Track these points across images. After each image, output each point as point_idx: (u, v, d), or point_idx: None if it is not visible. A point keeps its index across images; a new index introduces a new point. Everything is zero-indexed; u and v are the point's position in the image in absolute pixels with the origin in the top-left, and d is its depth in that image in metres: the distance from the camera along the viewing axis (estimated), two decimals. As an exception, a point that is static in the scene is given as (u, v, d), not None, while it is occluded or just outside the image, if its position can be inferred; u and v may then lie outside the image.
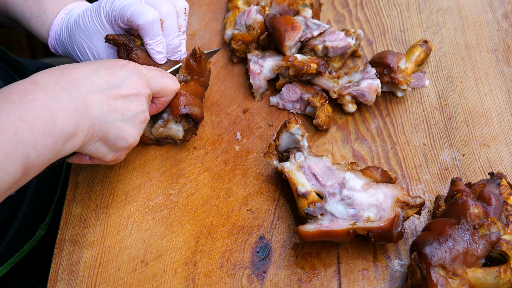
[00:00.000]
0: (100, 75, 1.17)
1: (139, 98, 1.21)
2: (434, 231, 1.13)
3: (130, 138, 1.21)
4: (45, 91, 1.06)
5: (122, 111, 1.18)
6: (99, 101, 1.14)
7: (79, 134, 1.09)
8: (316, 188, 1.26)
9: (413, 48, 1.54)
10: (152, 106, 1.32)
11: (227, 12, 1.68)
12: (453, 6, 1.71)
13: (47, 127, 1.03)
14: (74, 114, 1.08)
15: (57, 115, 1.05)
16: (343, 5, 1.72)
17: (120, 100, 1.18)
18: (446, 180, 1.37)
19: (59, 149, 1.07)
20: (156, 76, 1.28)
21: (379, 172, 1.26)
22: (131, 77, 1.21)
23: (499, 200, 1.18)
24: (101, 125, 1.14)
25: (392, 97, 1.52)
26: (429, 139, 1.44)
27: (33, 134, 1.02)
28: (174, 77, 1.33)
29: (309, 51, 1.50)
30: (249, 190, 1.37)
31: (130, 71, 1.22)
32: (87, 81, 1.14)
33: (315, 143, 1.44)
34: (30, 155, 1.01)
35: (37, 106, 1.03)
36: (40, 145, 1.03)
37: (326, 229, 1.19)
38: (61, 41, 1.38)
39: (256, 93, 1.52)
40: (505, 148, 1.42)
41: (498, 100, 1.51)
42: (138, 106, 1.21)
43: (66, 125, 1.06)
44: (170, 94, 1.31)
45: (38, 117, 1.03)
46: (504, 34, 1.64)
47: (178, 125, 1.38)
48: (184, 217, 1.33)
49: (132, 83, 1.20)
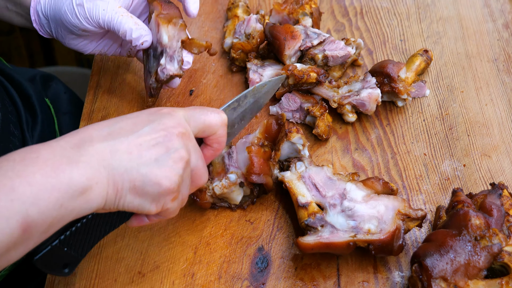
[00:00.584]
0: (122, 126, 1.05)
1: (168, 137, 1.05)
2: (435, 242, 1.11)
3: (163, 181, 1.04)
4: (51, 149, 0.98)
5: (147, 155, 1.03)
6: (116, 150, 1.02)
7: (93, 187, 0.98)
8: (317, 199, 1.25)
9: (413, 58, 1.53)
10: (208, 149, 1.18)
11: (226, 21, 1.67)
12: (453, 15, 1.70)
13: (49, 181, 0.94)
14: (84, 166, 0.97)
15: (61, 169, 0.95)
16: (343, 14, 1.71)
17: (144, 146, 1.04)
18: (447, 191, 1.36)
19: (68, 205, 0.95)
20: (196, 114, 1.13)
21: (381, 184, 1.25)
22: (159, 120, 1.07)
23: (501, 211, 1.17)
24: (122, 175, 1.01)
25: (392, 106, 1.51)
26: (430, 149, 1.43)
27: (32, 189, 0.92)
28: (220, 110, 1.18)
29: (309, 60, 1.50)
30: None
31: (160, 114, 1.09)
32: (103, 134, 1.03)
33: (314, 152, 1.43)
34: (29, 212, 0.92)
35: (38, 163, 0.95)
36: (42, 200, 0.92)
37: (326, 241, 1.18)
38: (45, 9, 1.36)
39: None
40: (507, 158, 1.41)
41: (499, 110, 1.50)
42: (168, 146, 1.05)
43: (74, 178, 0.96)
44: (218, 129, 1.16)
45: (39, 172, 0.94)
46: (505, 43, 1.63)
47: (241, 190, 1.31)
48: (182, 228, 1.32)
49: (159, 125, 1.06)
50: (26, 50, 2.85)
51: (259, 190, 1.31)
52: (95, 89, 1.55)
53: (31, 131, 1.55)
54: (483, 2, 1.73)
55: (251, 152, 1.25)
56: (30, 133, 1.52)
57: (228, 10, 1.67)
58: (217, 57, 1.62)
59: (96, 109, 1.51)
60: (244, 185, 1.29)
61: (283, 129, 1.31)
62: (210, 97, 1.54)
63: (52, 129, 1.62)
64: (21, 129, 1.52)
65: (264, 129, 1.29)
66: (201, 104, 1.52)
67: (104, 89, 1.54)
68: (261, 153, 1.26)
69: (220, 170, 1.30)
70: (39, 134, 1.55)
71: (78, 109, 1.72)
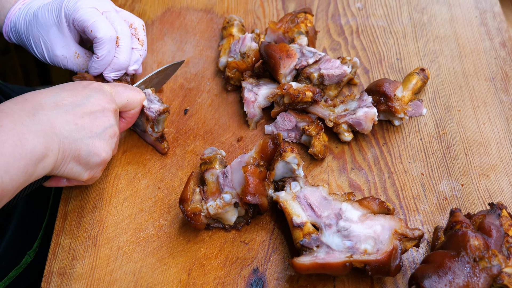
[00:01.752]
0: (63, 96, 1.19)
1: (105, 113, 1.24)
2: (433, 263, 1.10)
3: (102, 153, 1.22)
4: (10, 117, 1.09)
5: (90, 128, 1.20)
6: (65, 120, 1.16)
7: (49, 154, 1.11)
8: (312, 219, 1.23)
9: (410, 76, 1.51)
10: (122, 121, 1.35)
11: (221, 39, 1.66)
12: (450, 34, 1.69)
13: (17, 150, 1.05)
14: (42, 135, 1.10)
15: (26, 138, 1.07)
16: (339, 33, 1.70)
17: (87, 118, 1.20)
18: (445, 211, 1.34)
19: (31, 171, 1.08)
20: (120, 91, 1.32)
21: (377, 203, 1.23)
22: (94, 95, 1.23)
23: (500, 232, 1.15)
24: (70, 144, 1.16)
25: (389, 125, 1.49)
26: (427, 169, 1.41)
27: (4, 158, 1.03)
28: (138, 89, 1.37)
29: (304, 79, 1.48)
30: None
31: (93, 89, 1.25)
32: (51, 104, 1.16)
33: (310, 172, 1.41)
34: (3, 180, 1.03)
35: (4, 131, 1.05)
36: (12, 168, 1.04)
37: (322, 261, 1.16)
38: (16, 31, 1.41)
39: (250, 121, 1.49)
40: (505, 178, 1.39)
41: (497, 129, 1.48)
42: (106, 121, 1.23)
43: (36, 147, 1.08)
44: (137, 105, 1.35)
45: (8, 141, 1.04)
46: (502, 62, 1.62)
47: (235, 210, 1.30)
48: (176, 249, 1.29)
49: (96, 100, 1.23)
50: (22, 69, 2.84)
51: (253, 211, 1.29)
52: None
53: None
54: (479, 21, 1.72)
55: (247, 172, 1.24)
56: None
57: (223, 29, 1.66)
58: (212, 76, 1.61)
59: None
60: (238, 205, 1.27)
61: (278, 148, 1.29)
62: (204, 116, 1.52)
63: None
64: None
65: (260, 149, 1.28)
66: (196, 124, 1.50)
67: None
68: (257, 173, 1.25)
69: (214, 190, 1.29)
70: None
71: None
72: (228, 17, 1.67)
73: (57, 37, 1.36)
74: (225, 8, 1.76)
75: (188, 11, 1.76)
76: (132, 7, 1.76)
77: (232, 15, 1.68)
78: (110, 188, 1.39)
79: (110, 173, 1.42)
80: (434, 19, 1.73)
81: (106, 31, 1.32)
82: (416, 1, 1.78)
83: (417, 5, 1.77)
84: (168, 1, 1.79)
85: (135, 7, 1.76)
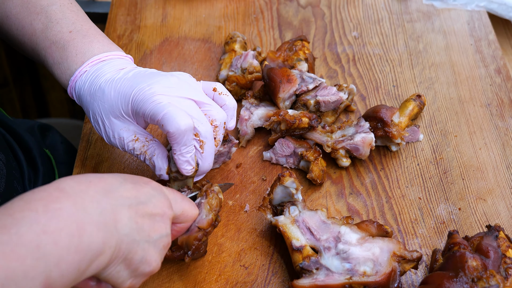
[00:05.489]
0: (127, 188, 1.04)
1: (164, 219, 1.08)
2: (432, 284, 1.10)
3: (153, 263, 1.06)
4: (72, 200, 0.94)
5: (148, 231, 1.04)
6: (128, 216, 1.01)
7: (106, 252, 0.96)
8: (311, 242, 1.24)
9: (406, 103, 1.53)
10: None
11: (223, 54, 1.67)
12: (445, 61, 1.72)
13: (73, 241, 0.91)
14: (103, 228, 0.95)
15: (85, 229, 0.93)
16: (336, 61, 1.72)
17: (147, 219, 1.04)
18: (443, 234, 1.35)
19: (84, 268, 0.93)
20: (177, 199, 1.15)
21: (375, 226, 1.24)
22: (156, 195, 1.08)
23: (498, 253, 1.16)
24: (128, 244, 1.00)
25: (386, 151, 1.50)
26: (425, 193, 1.42)
27: (57, 250, 0.89)
28: (194, 203, 1.20)
29: (301, 106, 1.50)
30: (243, 245, 1.34)
31: (155, 189, 1.09)
32: (116, 193, 1.01)
33: (309, 197, 1.42)
34: (52, 274, 0.88)
35: (63, 217, 0.91)
36: (64, 262, 0.89)
37: (321, 283, 1.16)
38: (79, 97, 1.31)
39: (241, 139, 1.50)
40: (502, 201, 1.40)
41: (493, 154, 1.50)
42: (163, 228, 1.07)
43: (94, 241, 0.93)
44: (189, 220, 1.18)
45: (65, 230, 0.90)
46: (498, 88, 1.64)
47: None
48: (175, 273, 1.30)
49: (158, 202, 1.07)
50: (20, 103, 2.85)
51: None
52: (89, 136, 1.54)
53: (33, 186, 1.54)
54: (474, 48, 1.75)
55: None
56: (32, 188, 1.51)
57: (226, 44, 1.69)
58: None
59: (89, 156, 1.50)
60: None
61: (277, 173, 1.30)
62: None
63: (53, 180, 1.61)
64: (23, 184, 1.51)
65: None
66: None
67: (98, 136, 1.54)
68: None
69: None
70: None
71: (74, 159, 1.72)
72: (232, 33, 1.70)
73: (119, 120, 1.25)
74: (222, 38, 1.78)
75: (186, 40, 1.78)
76: (130, 37, 1.78)
77: (236, 31, 1.71)
78: (110, 214, 1.40)
79: (110, 200, 1.42)
80: (429, 47, 1.76)
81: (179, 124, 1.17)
82: (411, 29, 1.81)
83: (412, 34, 1.80)
84: (166, 31, 1.81)
85: (134, 37, 1.78)
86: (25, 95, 2.88)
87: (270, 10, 1.87)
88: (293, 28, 1.82)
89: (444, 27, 1.82)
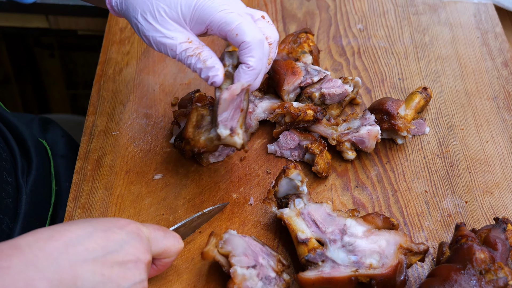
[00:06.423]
0: (95, 238, 1.02)
1: (138, 266, 1.06)
2: (439, 277, 1.09)
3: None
4: (24, 257, 0.93)
5: (117, 281, 1.02)
6: (92, 271, 0.99)
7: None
8: (317, 235, 1.22)
9: (412, 95, 1.52)
10: (153, 268, 1.19)
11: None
12: (451, 54, 1.70)
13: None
14: (58, 285, 0.94)
15: (35, 286, 0.91)
16: (341, 54, 1.71)
17: (116, 268, 1.02)
18: (449, 228, 1.33)
19: None
20: (159, 238, 1.14)
21: (381, 219, 1.23)
22: (130, 241, 1.06)
23: (506, 245, 1.15)
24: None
25: (392, 144, 1.49)
26: (431, 186, 1.41)
27: None
28: (178, 236, 1.19)
29: (306, 99, 1.49)
30: (247, 239, 1.33)
31: (130, 233, 1.07)
32: (79, 247, 0.99)
33: (314, 190, 1.41)
34: None
35: (10, 275, 0.90)
36: None
37: (327, 276, 1.15)
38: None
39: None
40: (509, 195, 1.39)
41: (500, 147, 1.48)
42: (136, 275, 1.05)
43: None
44: (173, 256, 1.18)
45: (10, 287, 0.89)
46: (505, 81, 1.62)
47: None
48: (181, 266, 1.28)
49: (131, 248, 1.05)
50: (21, 99, 2.84)
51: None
52: (91, 129, 1.53)
53: (26, 177, 1.52)
54: (481, 41, 1.73)
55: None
56: (25, 179, 1.49)
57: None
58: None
59: (92, 149, 1.49)
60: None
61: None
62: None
63: (48, 173, 1.60)
64: (15, 175, 1.50)
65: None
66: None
67: (100, 129, 1.53)
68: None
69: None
70: (34, 180, 1.52)
71: (75, 153, 1.70)
72: None
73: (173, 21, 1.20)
74: (227, 31, 1.76)
75: (190, 33, 1.77)
76: (132, 30, 1.77)
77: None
78: (113, 207, 1.39)
79: (113, 193, 1.41)
80: (435, 40, 1.74)
81: (255, 34, 1.17)
82: (417, 22, 1.79)
83: (418, 26, 1.78)
84: (170, 24, 1.79)
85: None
86: (26, 91, 2.87)
87: (274, 2, 1.86)
88: (297, 20, 1.81)
89: (450, 20, 1.80)
